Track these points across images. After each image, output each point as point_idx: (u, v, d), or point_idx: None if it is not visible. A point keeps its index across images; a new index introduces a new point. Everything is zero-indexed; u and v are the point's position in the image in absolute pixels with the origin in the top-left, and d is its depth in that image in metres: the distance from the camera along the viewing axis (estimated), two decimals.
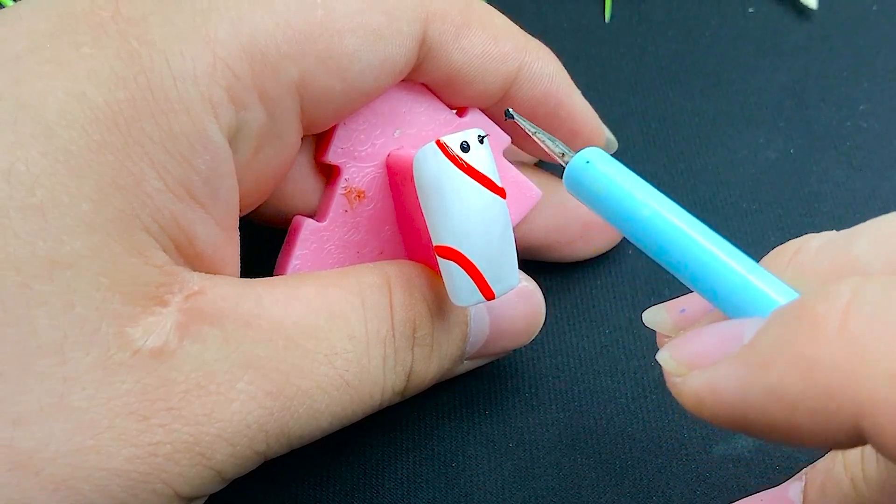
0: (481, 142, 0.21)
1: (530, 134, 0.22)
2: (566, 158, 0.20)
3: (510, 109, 0.22)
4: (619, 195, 0.19)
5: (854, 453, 0.22)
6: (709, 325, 0.18)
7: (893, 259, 0.17)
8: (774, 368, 0.15)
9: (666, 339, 0.20)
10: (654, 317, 0.20)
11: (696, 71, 0.35)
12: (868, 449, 0.21)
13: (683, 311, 0.20)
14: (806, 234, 0.31)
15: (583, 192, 0.20)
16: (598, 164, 0.20)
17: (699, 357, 0.17)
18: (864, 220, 0.31)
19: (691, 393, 0.17)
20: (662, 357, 0.18)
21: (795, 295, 0.17)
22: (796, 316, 0.16)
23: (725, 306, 0.18)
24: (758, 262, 0.19)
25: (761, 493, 0.24)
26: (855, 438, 0.15)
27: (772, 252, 0.19)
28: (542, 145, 0.22)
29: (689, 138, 0.34)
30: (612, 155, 0.29)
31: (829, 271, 0.18)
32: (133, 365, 0.18)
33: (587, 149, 0.20)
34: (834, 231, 0.19)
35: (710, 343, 0.17)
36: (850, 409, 0.14)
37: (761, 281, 0.18)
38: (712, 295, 0.18)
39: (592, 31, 0.36)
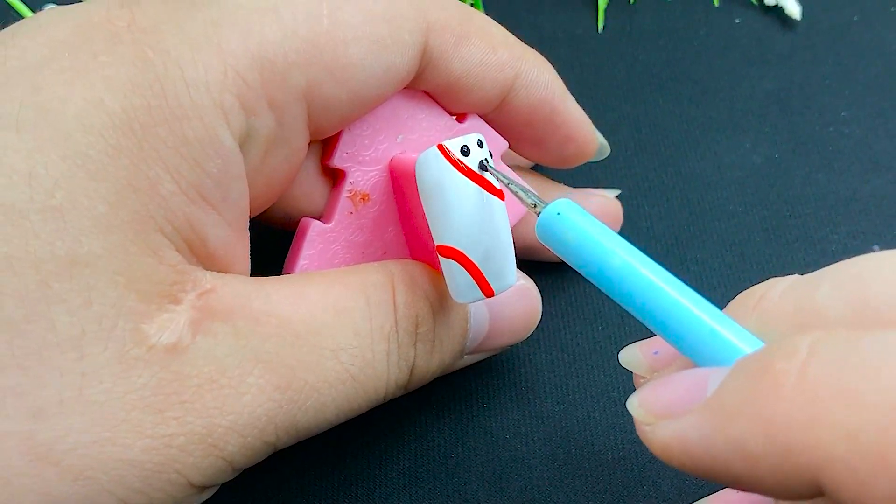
0: (480, 146, 0.21)
1: (504, 185, 0.22)
2: (538, 209, 0.20)
3: (485, 160, 0.22)
4: (589, 245, 0.19)
5: None
6: (675, 373, 0.18)
7: (854, 304, 0.17)
8: (736, 424, 0.15)
9: (641, 380, 0.20)
10: (629, 358, 0.20)
11: (686, 79, 0.35)
12: None
13: (657, 352, 0.20)
14: (790, 234, 0.31)
15: (554, 242, 0.20)
16: (568, 214, 0.19)
17: (666, 407, 0.17)
18: (846, 221, 0.31)
19: (659, 443, 0.17)
20: (632, 405, 0.18)
21: (760, 344, 0.17)
22: (756, 371, 0.16)
23: (692, 354, 0.18)
24: (723, 307, 0.19)
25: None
26: (815, 491, 0.15)
27: (738, 297, 0.19)
28: (516, 196, 0.21)
29: (679, 143, 0.34)
30: (604, 160, 0.29)
31: (793, 317, 0.17)
32: (148, 360, 0.18)
33: (557, 201, 0.20)
34: (797, 276, 0.19)
35: (676, 393, 0.17)
36: (808, 465, 0.14)
37: (726, 329, 0.17)
38: (680, 343, 0.18)
39: (586, 40, 0.36)
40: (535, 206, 0.20)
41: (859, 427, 0.14)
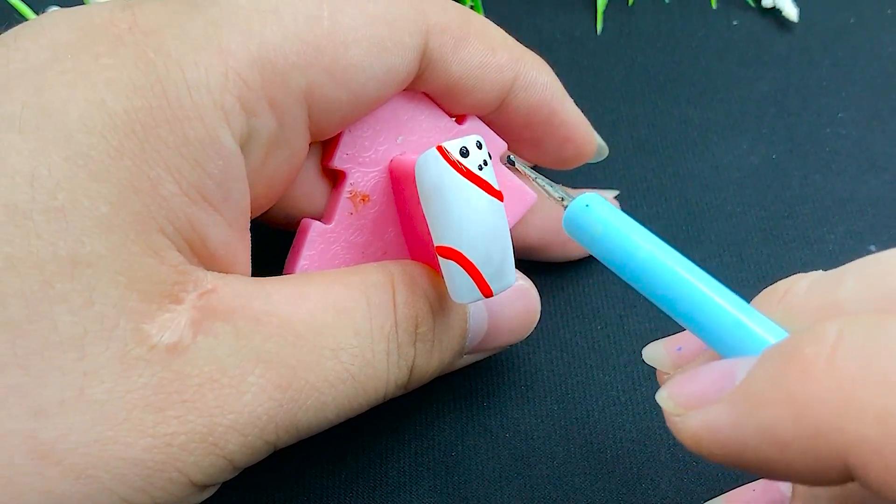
0: (479, 147, 0.21)
1: (531, 179, 0.22)
2: (565, 202, 0.20)
3: (511, 155, 0.22)
4: (617, 237, 0.19)
5: None
6: (703, 364, 0.18)
7: (877, 298, 0.17)
8: (765, 409, 0.15)
9: (665, 377, 0.20)
10: (653, 354, 0.20)
11: (684, 80, 0.35)
12: None
13: (680, 349, 0.20)
14: (787, 234, 0.31)
15: (582, 235, 0.20)
16: (596, 208, 0.19)
17: (695, 397, 0.17)
18: (843, 222, 0.31)
19: (689, 433, 0.17)
20: (661, 397, 0.18)
21: (785, 334, 0.17)
22: (785, 356, 0.16)
23: (719, 345, 0.18)
24: (748, 301, 0.19)
25: (753, 482, 0.24)
26: (845, 476, 0.15)
27: (762, 293, 0.19)
28: (542, 190, 0.22)
29: (677, 144, 0.34)
30: (603, 161, 0.29)
31: (818, 311, 0.17)
32: (150, 359, 0.18)
33: (586, 194, 0.20)
34: (821, 271, 0.18)
35: (705, 383, 0.17)
36: (838, 448, 0.14)
37: (752, 321, 0.17)
38: (706, 334, 0.18)
39: (585, 42, 0.36)
40: (562, 199, 0.21)
41: (889, 409, 0.14)
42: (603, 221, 0.19)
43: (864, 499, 0.20)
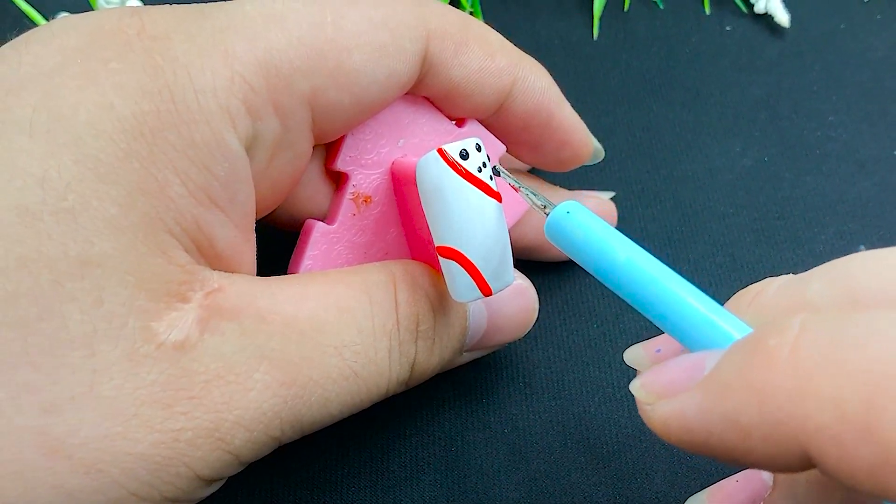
0: (479, 150, 0.21)
1: (515, 188, 0.22)
2: (547, 210, 0.21)
3: (497, 166, 0.23)
4: (597, 242, 0.19)
5: None
6: (676, 357, 0.18)
7: (842, 297, 0.17)
8: (730, 397, 0.16)
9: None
10: (633, 356, 0.21)
11: (678, 84, 0.35)
12: None
13: (659, 350, 0.20)
14: (779, 234, 0.31)
15: (562, 240, 0.20)
16: (577, 214, 0.20)
17: (666, 387, 0.17)
18: (833, 222, 0.31)
19: (659, 420, 0.17)
20: (634, 387, 0.18)
21: (752, 331, 0.18)
22: (750, 348, 0.16)
23: (692, 343, 0.18)
24: (723, 302, 0.19)
25: (737, 474, 0.24)
26: (805, 462, 0.15)
27: (735, 295, 0.20)
28: (526, 199, 0.22)
29: (671, 147, 0.34)
30: (599, 163, 0.29)
31: (785, 311, 0.18)
32: (157, 357, 0.18)
33: (566, 202, 0.20)
34: (791, 275, 0.19)
35: (676, 374, 0.17)
36: (797, 435, 0.15)
37: (723, 320, 0.18)
38: (680, 333, 0.18)
39: (581, 47, 0.36)
40: (544, 206, 0.21)
41: (845, 397, 0.14)
42: (582, 227, 0.20)
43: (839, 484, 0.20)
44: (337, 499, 0.26)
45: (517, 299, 0.26)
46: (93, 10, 0.33)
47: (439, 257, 0.22)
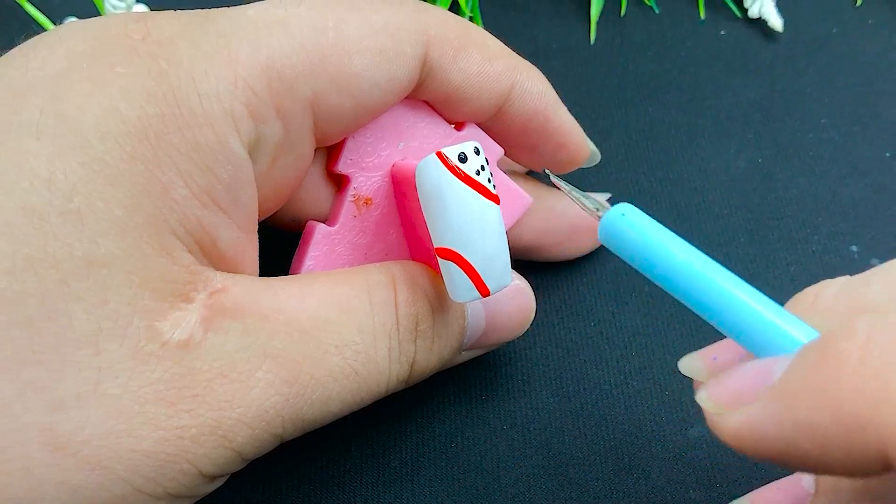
0: (477, 153, 0.21)
1: (566, 193, 0.22)
2: (600, 213, 0.20)
3: (548, 170, 0.22)
4: (654, 246, 0.19)
5: None
6: (741, 364, 0.17)
7: None
8: (803, 405, 0.15)
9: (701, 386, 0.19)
10: (689, 365, 0.20)
11: (673, 88, 0.35)
12: None
13: (716, 358, 0.19)
14: (773, 235, 0.31)
15: (618, 242, 0.20)
16: (632, 216, 0.19)
17: (734, 396, 0.17)
18: (826, 223, 0.31)
19: (730, 431, 0.17)
20: (701, 398, 0.18)
21: (818, 334, 0.17)
22: (819, 353, 0.15)
23: (755, 347, 0.18)
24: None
25: (777, 481, 0.23)
26: (885, 466, 0.14)
27: (792, 299, 0.19)
28: (578, 203, 0.22)
29: (667, 149, 0.34)
30: (596, 165, 0.29)
31: (848, 312, 0.17)
32: (162, 356, 0.18)
33: (621, 204, 0.20)
34: (847, 276, 0.18)
35: (743, 382, 0.17)
36: (875, 440, 0.14)
37: (787, 323, 0.17)
38: (743, 337, 0.18)
39: (578, 51, 0.36)
40: (597, 209, 0.21)
41: None
42: (640, 228, 0.19)
43: (885, 492, 0.20)
44: (339, 495, 0.26)
45: (515, 299, 0.26)
46: (100, 15, 0.33)
47: (438, 258, 0.22)
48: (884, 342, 0.14)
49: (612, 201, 0.31)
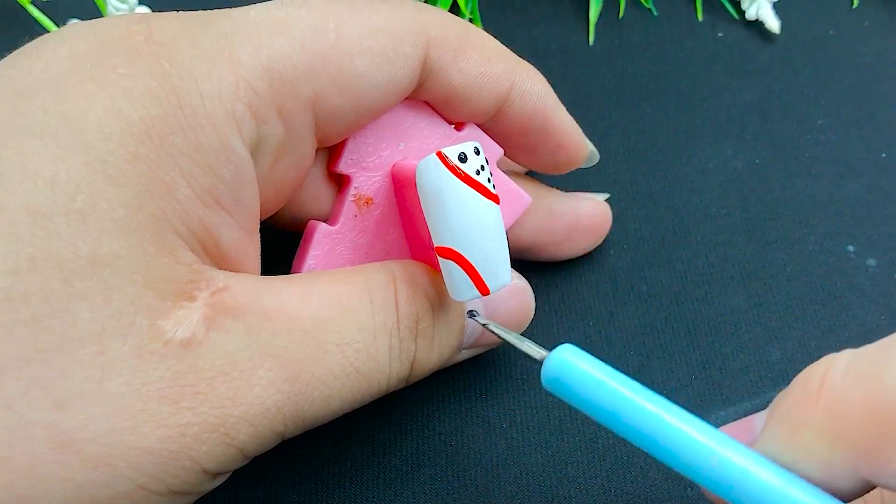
0: (477, 153, 0.21)
1: (506, 338, 0.22)
2: (541, 357, 0.20)
3: (484, 322, 0.22)
4: (597, 395, 0.19)
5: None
6: None
7: None
8: None
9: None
10: None
11: (671, 89, 0.35)
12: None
13: None
14: (770, 235, 0.31)
15: (562, 392, 0.19)
16: (571, 369, 0.19)
17: None
18: (822, 223, 0.31)
19: None
20: None
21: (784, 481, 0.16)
22: None
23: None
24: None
25: (727, 425, 0.23)
26: None
27: (798, 382, 0.17)
28: (519, 347, 0.21)
29: (665, 150, 0.34)
30: (595, 166, 0.29)
31: (866, 412, 0.15)
32: (164, 354, 0.18)
33: (563, 347, 0.20)
34: (852, 351, 0.17)
35: None
36: None
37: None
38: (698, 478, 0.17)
39: (578, 53, 0.36)
40: (538, 354, 0.21)
41: None
42: (580, 381, 0.19)
43: None
44: (339, 492, 0.26)
45: (514, 298, 0.26)
46: (102, 16, 0.33)
47: (438, 257, 0.22)
48: None
49: (612, 202, 0.31)
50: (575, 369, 0.19)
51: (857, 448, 0.16)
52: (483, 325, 0.21)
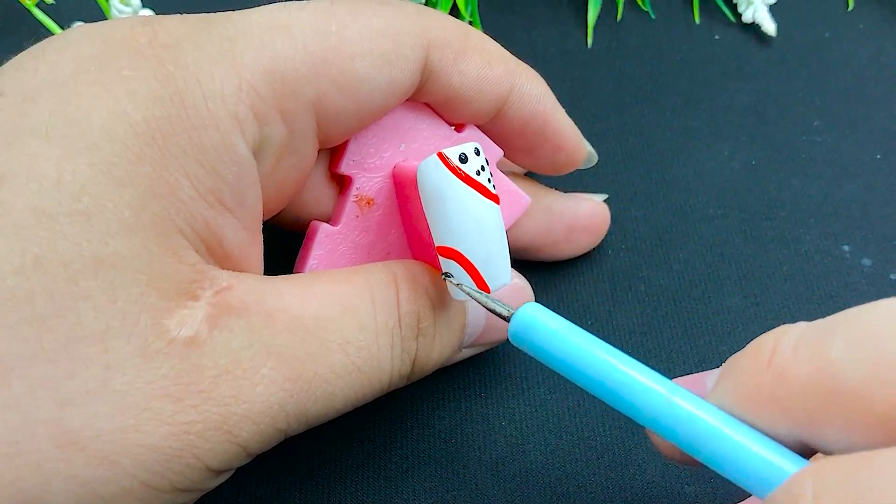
0: (477, 154, 0.21)
1: (474, 297, 0.22)
2: (509, 314, 0.21)
3: (453, 280, 0.22)
4: (563, 349, 0.19)
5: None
6: None
7: (871, 364, 0.16)
8: None
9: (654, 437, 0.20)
10: None
11: (669, 91, 0.35)
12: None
13: None
14: (766, 235, 0.31)
15: (528, 346, 0.20)
16: (538, 324, 0.20)
17: None
18: (818, 223, 0.31)
19: None
20: None
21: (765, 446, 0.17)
22: None
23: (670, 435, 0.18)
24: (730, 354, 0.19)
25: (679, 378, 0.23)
26: None
27: (751, 349, 0.18)
28: (486, 307, 0.21)
29: (663, 151, 0.34)
30: (593, 167, 0.29)
31: (811, 382, 0.16)
32: (168, 353, 0.18)
33: (529, 304, 0.20)
34: (805, 324, 0.17)
35: None
36: None
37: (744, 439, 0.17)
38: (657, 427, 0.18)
39: (576, 55, 0.36)
40: (506, 311, 0.21)
41: None
42: (546, 334, 0.20)
43: None
44: (341, 489, 0.26)
45: (514, 297, 0.26)
46: (106, 19, 0.33)
47: (439, 257, 0.22)
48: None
49: (610, 203, 0.31)
50: (537, 324, 0.20)
51: (800, 416, 0.17)
52: (457, 285, 0.21)
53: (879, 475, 0.14)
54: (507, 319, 0.21)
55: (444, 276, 0.22)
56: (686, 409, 0.18)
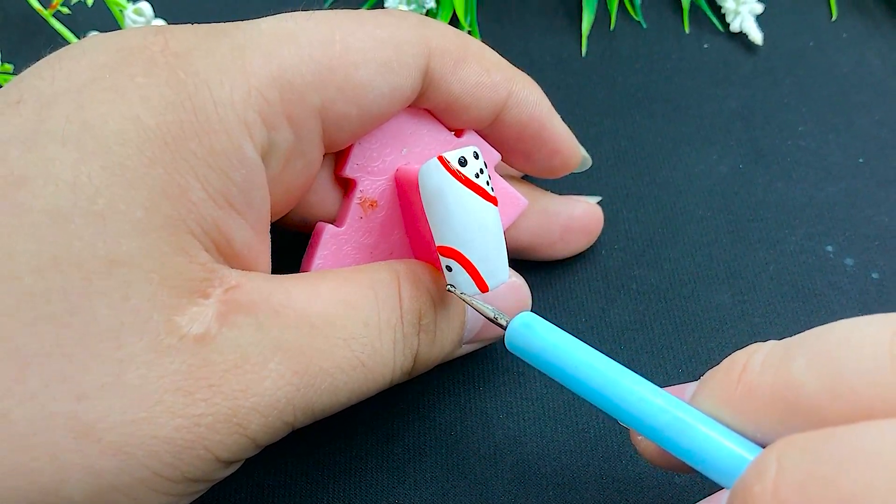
0: (476, 157, 0.21)
1: (468, 302, 0.22)
2: (502, 321, 0.21)
3: (456, 290, 0.22)
4: (557, 356, 0.20)
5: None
6: None
7: (828, 380, 0.16)
8: None
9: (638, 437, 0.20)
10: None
11: (660, 98, 0.35)
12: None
13: None
14: (753, 236, 0.31)
15: (524, 352, 0.21)
16: (531, 331, 0.21)
17: None
18: (802, 225, 0.31)
19: None
20: None
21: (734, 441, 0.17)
22: (739, 497, 0.16)
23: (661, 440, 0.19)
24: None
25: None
26: None
27: (725, 364, 0.19)
28: (481, 312, 0.22)
29: (654, 155, 0.34)
30: (587, 170, 0.29)
31: (773, 393, 0.17)
32: (180, 348, 0.18)
33: (524, 314, 0.21)
34: (773, 343, 0.18)
35: None
36: None
37: (709, 430, 0.18)
38: (649, 433, 0.19)
39: (571, 63, 0.36)
40: (497, 318, 0.22)
41: None
42: (540, 341, 0.20)
43: None
44: (345, 479, 0.26)
45: (512, 296, 0.26)
46: (120, 28, 0.33)
47: (440, 256, 0.22)
48: (791, 481, 0.15)
49: (603, 204, 0.31)
50: (531, 332, 0.21)
51: (765, 427, 0.17)
52: (459, 296, 0.22)
53: (838, 445, 0.15)
54: (503, 328, 0.21)
55: (448, 289, 0.22)
56: (664, 408, 0.19)
